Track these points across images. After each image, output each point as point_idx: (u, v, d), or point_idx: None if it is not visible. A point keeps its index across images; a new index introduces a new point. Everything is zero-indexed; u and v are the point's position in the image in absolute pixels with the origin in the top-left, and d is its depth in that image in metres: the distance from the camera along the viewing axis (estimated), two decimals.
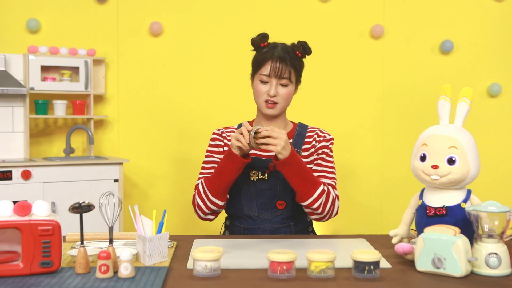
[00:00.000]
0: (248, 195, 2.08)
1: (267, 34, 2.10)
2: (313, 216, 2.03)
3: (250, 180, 2.07)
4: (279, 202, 2.07)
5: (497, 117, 4.49)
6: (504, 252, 1.46)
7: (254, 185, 2.07)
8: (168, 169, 4.21)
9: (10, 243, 1.49)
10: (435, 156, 1.58)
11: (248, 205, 2.08)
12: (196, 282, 1.40)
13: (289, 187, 2.03)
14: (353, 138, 4.37)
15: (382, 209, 4.42)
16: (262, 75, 2.04)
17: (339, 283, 1.39)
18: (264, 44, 2.08)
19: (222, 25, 4.25)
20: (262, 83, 2.05)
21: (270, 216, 2.07)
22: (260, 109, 2.09)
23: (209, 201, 2.01)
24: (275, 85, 2.03)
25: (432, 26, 4.42)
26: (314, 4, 4.34)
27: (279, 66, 2.02)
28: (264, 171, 2.06)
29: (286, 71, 2.03)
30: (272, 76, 2.03)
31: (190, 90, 4.22)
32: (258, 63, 2.07)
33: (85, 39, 4.06)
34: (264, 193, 2.07)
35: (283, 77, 2.03)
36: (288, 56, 2.03)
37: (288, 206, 2.07)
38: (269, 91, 2.03)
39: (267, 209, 2.07)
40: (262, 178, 2.06)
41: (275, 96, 2.04)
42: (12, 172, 3.49)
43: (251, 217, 2.08)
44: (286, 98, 2.06)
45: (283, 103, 2.06)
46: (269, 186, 2.06)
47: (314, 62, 4.27)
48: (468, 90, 1.65)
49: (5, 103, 3.84)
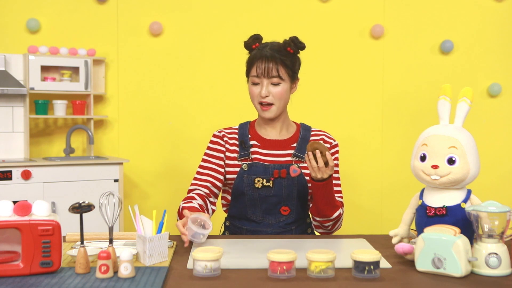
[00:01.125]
0: (252, 201, 2.05)
1: (260, 35, 2.07)
2: (319, 230, 2.06)
3: (254, 187, 2.03)
4: (283, 208, 2.05)
5: (497, 117, 4.49)
6: (504, 252, 1.46)
7: (258, 192, 2.03)
8: (168, 169, 4.21)
9: (10, 243, 1.49)
10: (435, 156, 1.58)
11: (252, 209, 2.06)
12: (196, 282, 1.39)
13: (293, 193, 2.03)
14: (353, 138, 4.37)
15: (382, 209, 4.42)
16: (253, 76, 2.02)
17: (339, 283, 1.39)
18: (256, 45, 2.06)
19: (222, 25, 4.25)
20: (254, 85, 2.03)
21: (273, 221, 2.06)
22: (258, 112, 2.07)
23: None
24: (266, 85, 2.00)
25: (432, 26, 4.42)
26: (314, 4, 4.34)
27: (266, 66, 1.99)
28: (269, 178, 2.03)
29: (273, 69, 1.99)
30: (261, 76, 2.00)
31: (190, 90, 4.22)
32: (248, 65, 2.05)
33: (85, 39, 4.06)
34: (269, 199, 2.04)
35: (272, 75, 2.00)
36: (276, 54, 2.00)
37: (292, 212, 2.06)
38: (260, 92, 2.01)
39: (271, 214, 2.05)
40: (267, 185, 2.03)
41: (268, 97, 2.01)
42: (12, 172, 3.49)
43: (255, 221, 2.06)
44: (279, 97, 2.02)
45: (277, 103, 2.02)
46: (274, 192, 2.03)
47: (314, 62, 4.30)
48: (468, 90, 1.65)
49: (5, 103, 3.84)
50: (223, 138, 2.11)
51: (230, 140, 2.10)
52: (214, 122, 4.11)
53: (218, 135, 2.12)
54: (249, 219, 2.07)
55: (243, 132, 2.11)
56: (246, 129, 2.12)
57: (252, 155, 2.06)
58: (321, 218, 1.99)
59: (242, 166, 2.04)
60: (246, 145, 2.07)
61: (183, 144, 4.21)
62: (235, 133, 2.12)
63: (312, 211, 2.02)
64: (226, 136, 2.11)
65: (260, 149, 2.07)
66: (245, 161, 2.05)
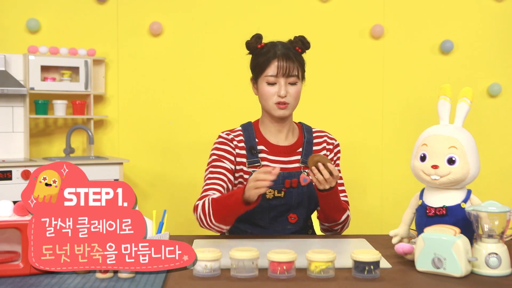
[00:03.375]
0: (260, 208, 1.97)
1: (261, 34, 2.01)
2: (327, 233, 2.05)
3: (265, 197, 1.95)
4: (291, 215, 2.01)
5: (497, 117, 4.49)
6: (504, 252, 1.46)
7: (269, 202, 1.98)
8: (168, 169, 4.21)
9: (10, 243, 1.49)
10: (435, 156, 1.58)
11: (260, 216, 2.00)
12: (196, 282, 1.39)
13: (303, 203, 2.00)
14: (353, 138, 4.37)
15: (382, 209, 4.42)
16: (269, 76, 1.94)
17: (339, 283, 1.39)
18: (261, 45, 1.99)
19: (222, 25, 4.25)
20: (269, 85, 1.95)
21: (280, 228, 2.02)
22: (270, 111, 1.97)
23: (213, 224, 1.87)
24: (284, 84, 1.93)
25: (432, 26, 4.42)
26: (314, 4, 4.34)
27: (286, 65, 1.92)
28: (281, 189, 1.97)
29: (294, 68, 1.94)
30: (280, 76, 1.93)
31: (190, 90, 4.22)
32: (261, 65, 1.96)
33: (85, 39, 4.06)
34: (278, 207, 2.00)
35: (291, 75, 1.94)
36: (291, 53, 1.95)
37: (299, 221, 2.03)
38: (279, 91, 1.93)
39: (279, 221, 2.01)
40: (278, 196, 1.97)
41: (286, 97, 1.94)
42: (12, 172, 3.49)
43: (261, 226, 2.02)
44: (296, 97, 1.97)
45: (293, 102, 1.97)
46: (284, 201, 1.99)
47: (314, 62, 4.28)
48: (468, 90, 1.65)
49: (5, 103, 3.84)
50: (232, 142, 2.02)
51: (239, 144, 2.01)
52: (214, 122, 4.11)
53: (227, 137, 2.03)
54: (255, 224, 2.02)
55: (249, 135, 2.03)
56: (252, 132, 2.04)
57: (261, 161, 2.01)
58: (330, 223, 1.98)
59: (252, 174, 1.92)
60: (255, 151, 2.00)
61: (183, 144, 4.20)
62: (241, 135, 2.04)
63: (320, 218, 2.00)
64: (235, 139, 2.02)
65: (268, 155, 2.01)
66: (255, 168, 1.99)
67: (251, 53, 2.03)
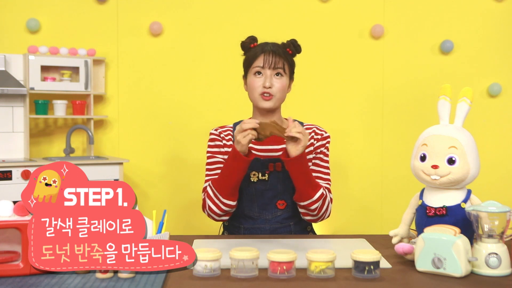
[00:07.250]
0: (248, 196, 2.07)
1: (256, 37, 2.10)
2: (307, 217, 2.05)
3: (250, 181, 2.06)
4: (279, 202, 2.07)
5: (497, 117, 4.49)
6: (504, 252, 1.46)
7: (254, 186, 2.06)
8: (168, 169, 4.21)
9: (10, 243, 1.49)
10: (435, 156, 1.58)
11: (249, 205, 2.08)
12: (196, 282, 1.40)
13: (289, 187, 2.04)
14: (353, 138, 4.37)
15: (382, 209, 4.42)
16: (256, 67, 2.03)
17: (339, 283, 1.39)
18: (254, 44, 2.09)
19: (222, 25, 4.25)
20: (256, 77, 2.03)
21: (270, 216, 2.07)
22: (256, 103, 2.06)
23: (221, 202, 1.99)
24: (269, 76, 2.02)
25: (432, 26, 4.42)
26: (314, 4, 4.34)
27: (273, 58, 2.02)
28: (264, 172, 2.06)
29: (280, 61, 2.03)
30: (266, 68, 2.02)
31: (190, 90, 4.22)
32: (250, 59, 2.06)
33: (85, 39, 4.06)
34: (265, 194, 2.07)
35: (277, 67, 2.02)
36: (280, 50, 2.05)
37: (289, 206, 2.08)
38: (264, 83, 2.01)
39: (268, 209, 2.07)
40: (262, 179, 2.06)
41: (271, 88, 2.02)
42: (12, 172, 3.49)
43: (252, 217, 2.08)
44: (281, 90, 2.04)
45: (278, 95, 2.03)
46: (269, 186, 2.06)
47: (314, 62, 4.31)
48: (468, 90, 1.65)
49: (5, 103, 3.84)
50: (219, 135, 2.14)
51: (226, 137, 2.13)
52: (214, 122, 4.09)
53: (215, 132, 2.15)
54: (246, 216, 2.08)
55: None
56: None
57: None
58: (304, 201, 1.98)
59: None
60: None
61: (183, 144, 4.20)
62: (230, 130, 2.15)
63: (296, 197, 2.01)
64: (223, 133, 2.14)
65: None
66: None
67: (245, 53, 2.12)
